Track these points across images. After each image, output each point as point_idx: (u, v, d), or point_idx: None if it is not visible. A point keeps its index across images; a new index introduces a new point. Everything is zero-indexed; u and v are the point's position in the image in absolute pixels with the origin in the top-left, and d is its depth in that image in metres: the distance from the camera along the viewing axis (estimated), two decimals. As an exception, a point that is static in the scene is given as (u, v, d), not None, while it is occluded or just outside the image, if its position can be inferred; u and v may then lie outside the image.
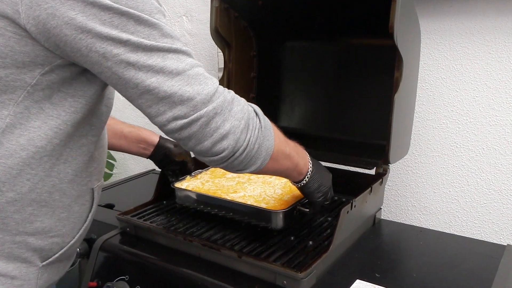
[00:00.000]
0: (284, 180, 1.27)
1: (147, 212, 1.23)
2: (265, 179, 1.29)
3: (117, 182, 1.66)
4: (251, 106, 0.81)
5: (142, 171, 1.83)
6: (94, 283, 1.10)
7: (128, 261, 1.11)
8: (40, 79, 0.72)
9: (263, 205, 1.12)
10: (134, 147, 1.25)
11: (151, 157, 1.28)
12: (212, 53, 1.76)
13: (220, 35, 1.40)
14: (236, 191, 1.20)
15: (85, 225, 0.91)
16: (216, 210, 1.17)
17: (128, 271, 1.08)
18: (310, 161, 1.00)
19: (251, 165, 0.80)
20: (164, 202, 1.30)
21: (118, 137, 1.21)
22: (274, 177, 1.30)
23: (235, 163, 0.78)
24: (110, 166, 2.07)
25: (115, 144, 1.21)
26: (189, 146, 0.76)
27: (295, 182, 1.01)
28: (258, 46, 1.53)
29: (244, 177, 1.31)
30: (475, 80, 1.34)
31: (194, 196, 1.20)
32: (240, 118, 0.75)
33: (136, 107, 0.75)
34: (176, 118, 0.72)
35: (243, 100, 0.79)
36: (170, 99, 0.71)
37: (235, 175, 1.32)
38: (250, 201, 1.14)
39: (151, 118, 0.74)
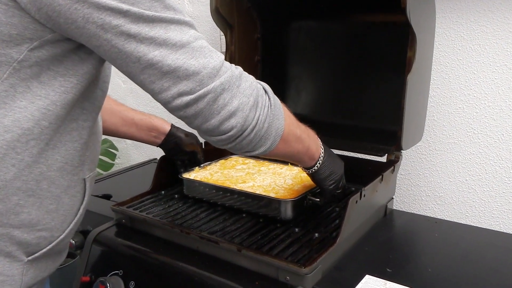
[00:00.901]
0: (295, 170, 1.26)
1: (144, 203, 1.18)
2: (276, 170, 1.27)
3: (116, 172, 1.61)
4: (259, 83, 0.77)
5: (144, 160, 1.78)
6: (87, 278, 1.06)
7: (122, 255, 1.06)
8: (28, 55, 0.67)
9: (272, 194, 1.09)
10: (145, 135, 1.22)
11: (161, 145, 1.26)
12: (214, 36, 1.70)
13: (221, 16, 1.34)
14: (245, 181, 1.18)
15: (76, 218, 0.85)
16: (223, 200, 1.15)
17: (123, 265, 1.04)
18: (322, 147, 0.97)
19: (261, 146, 0.77)
20: (163, 192, 1.25)
21: (129, 125, 1.19)
22: (284, 167, 1.29)
23: (243, 143, 0.75)
24: (112, 156, 2.03)
25: (126, 131, 1.19)
26: (195, 125, 0.73)
27: (306, 168, 0.98)
28: (263, 28, 1.47)
29: (254, 168, 1.29)
30: (494, 61, 1.27)
31: (200, 186, 1.18)
32: (248, 95, 0.72)
33: (138, 84, 0.71)
34: (181, 94, 0.69)
35: (251, 76, 0.76)
36: (174, 74, 0.68)
37: (244, 166, 1.31)
38: (259, 191, 1.11)
39: (155, 95, 0.71)
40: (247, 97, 0.72)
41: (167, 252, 1.01)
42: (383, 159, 1.19)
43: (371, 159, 1.23)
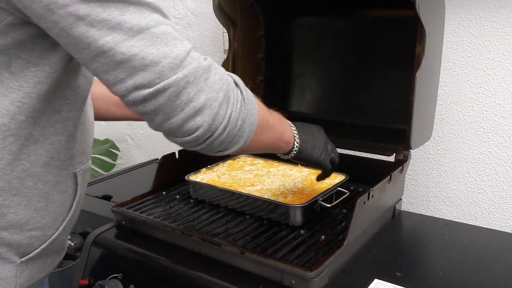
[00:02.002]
0: (305, 172, 1.23)
1: (144, 204, 1.15)
2: (285, 172, 1.24)
3: (116, 172, 1.58)
4: (230, 75, 0.70)
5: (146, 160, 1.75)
6: (85, 281, 1.03)
7: (122, 257, 1.03)
8: None
9: (281, 199, 1.06)
10: None
11: None
12: (217, 33, 1.67)
13: (224, 12, 1.32)
14: (253, 184, 1.15)
15: (69, 215, 0.82)
16: (230, 204, 1.11)
17: (122, 268, 1.01)
18: (293, 125, 0.90)
19: (233, 145, 0.70)
20: (164, 193, 1.22)
21: (124, 107, 1.14)
22: (294, 169, 1.26)
23: (214, 144, 0.67)
24: (113, 156, 2.00)
25: (121, 114, 1.13)
26: (156, 123, 0.65)
27: (286, 154, 0.91)
28: (266, 25, 1.44)
29: (262, 169, 1.26)
30: (504, 58, 1.23)
31: (206, 190, 1.15)
32: (218, 89, 0.65)
33: (92, 73, 0.64)
34: (137, 88, 0.61)
35: (222, 68, 0.69)
36: (129, 64, 0.60)
37: (253, 167, 1.29)
38: (267, 195, 1.08)
39: (109, 86, 0.63)
40: (216, 92, 0.64)
41: (168, 254, 0.98)
42: (391, 158, 1.16)
43: (378, 158, 1.20)
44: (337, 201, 1.07)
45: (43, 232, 0.77)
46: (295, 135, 0.89)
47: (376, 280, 0.87)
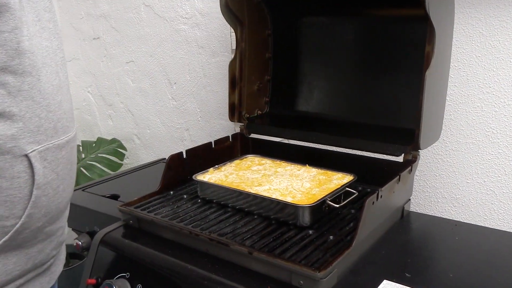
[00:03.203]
0: (313, 172, 1.22)
1: (152, 203, 1.15)
2: (293, 172, 1.24)
3: (124, 171, 1.58)
4: None
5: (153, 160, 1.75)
6: (93, 280, 1.03)
7: (129, 257, 1.03)
8: None
9: (289, 199, 1.05)
10: None
11: None
12: (224, 33, 1.67)
13: (231, 12, 1.31)
14: (260, 184, 1.14)
15: (31, 202, 0.74)
16: (238, 204, 1.11)
17: (130, 267, 1.01)
18: None
19: None
20: (171, 192, 1.21)
21: None
22: (302, 169, 1.25)
23: None
24: (121, 156, 2.01)
25: None
26: None
27: None
28: (274, 24, 1.43)
29: (270, 169, 1.26)
30: (515, 58, 1.22)
31: (214, 189, 1.14)
32: None
33: None
34: None
35: None
36: None
37: (260, 167, 1.27)
38: (275, 195, 1.07)
39: None
40: None
41: (175, 254, 0.98)
42: (400, 159, 1.15)
43: (387, 159, 1.19)
44: (346, 201, 1.06)
45: (2, 223, 0.72)
46: None
47: (385, 281, 0.86)
